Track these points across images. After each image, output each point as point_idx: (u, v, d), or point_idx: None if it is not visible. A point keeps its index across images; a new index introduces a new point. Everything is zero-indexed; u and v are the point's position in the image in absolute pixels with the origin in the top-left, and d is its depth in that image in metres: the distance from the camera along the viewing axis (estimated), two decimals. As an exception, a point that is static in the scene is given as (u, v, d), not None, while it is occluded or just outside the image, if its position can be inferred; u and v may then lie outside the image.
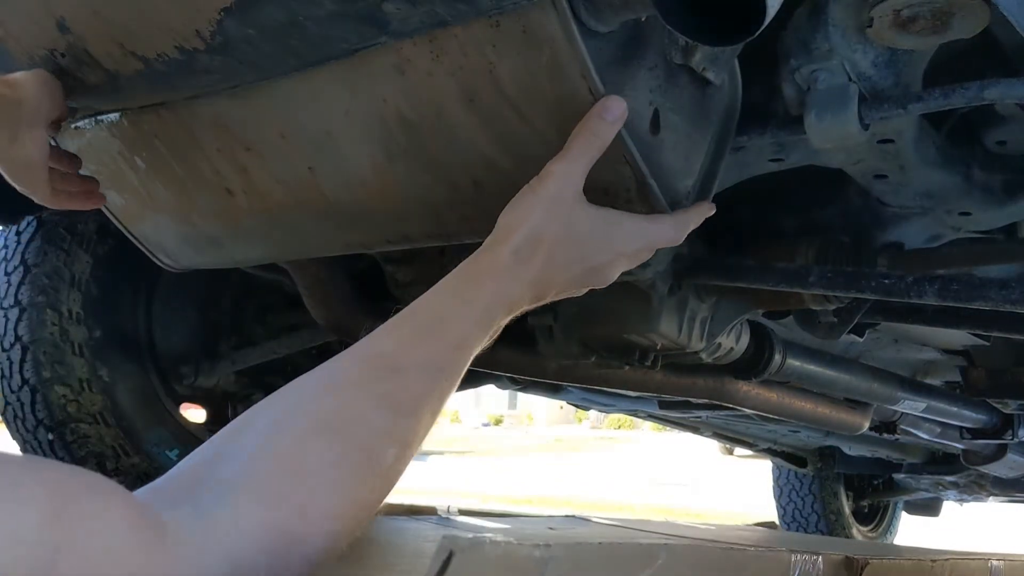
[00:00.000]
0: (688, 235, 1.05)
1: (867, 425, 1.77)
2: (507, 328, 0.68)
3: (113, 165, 0.97)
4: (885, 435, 2.03)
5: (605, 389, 1.55)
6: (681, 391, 1.40)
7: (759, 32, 0.57)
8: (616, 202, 0.75)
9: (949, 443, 2.13)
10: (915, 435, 2.04)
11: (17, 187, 0.87)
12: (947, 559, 1.05)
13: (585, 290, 0.73)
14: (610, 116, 0.66)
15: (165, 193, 0.96)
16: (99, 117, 0.90)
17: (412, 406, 0.57)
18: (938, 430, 1.99)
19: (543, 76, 0.67)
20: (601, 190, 0.73)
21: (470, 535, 0.35)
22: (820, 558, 0.78)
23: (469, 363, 0.64)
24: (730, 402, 1.41)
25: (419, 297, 0.64)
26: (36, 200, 0.90)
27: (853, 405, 1.74)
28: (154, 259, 1.07)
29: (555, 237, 0.66)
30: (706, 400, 1.43)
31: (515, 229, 0.65)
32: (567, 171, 0.66)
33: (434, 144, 0.77)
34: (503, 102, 0.69)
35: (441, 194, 0.79)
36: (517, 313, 0.68)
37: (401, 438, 0.55)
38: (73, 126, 0.93)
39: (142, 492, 0.46)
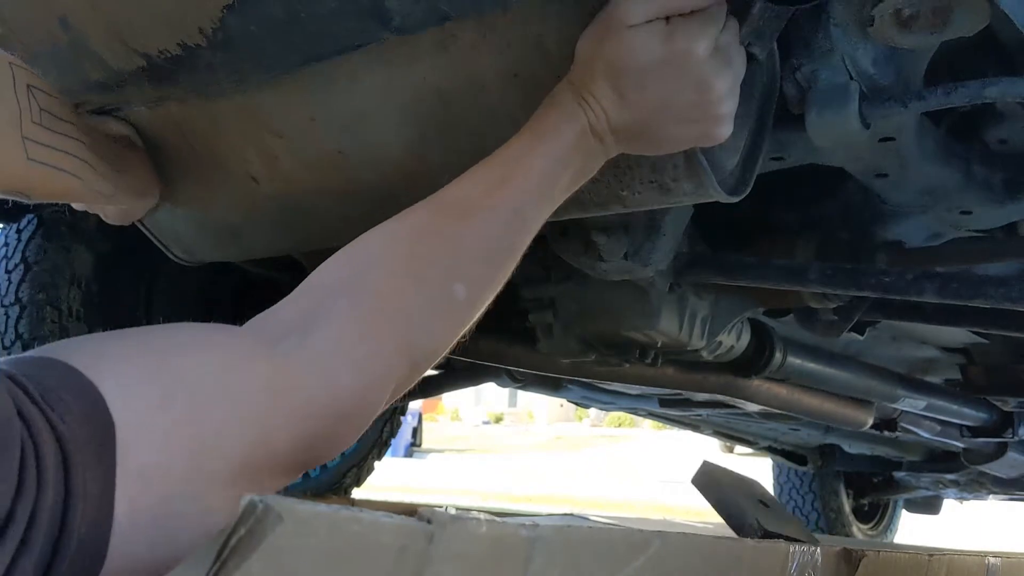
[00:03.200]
0: (688, 233, 1.05)
1: (871, 421, 1.77)
2: (509, 324, 0.68)
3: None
4: (886, 432, 2.03)
5: (607, 387, 1.55)
6: (693, 387, 1.41)
7: None
8: (663, 177, 0.74)
9: (949, 441, 2.13)
10: (915, 433, 2.04)
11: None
12: (944, 554, 1.05)
13: (706, 131, 0.66)
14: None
15: (185, 183, 0.95)
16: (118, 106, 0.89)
17: (482, 247, 0.62)
18: (938, 428, 1.99)
19: None
20: (649, 165, 0.73)
21: (452, 512, 0.35)
22: (817, 549, 0.78)
23: (556, 199, 0.66)
24: (741, 397, 1.41)
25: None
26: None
27: (858, 401, 1.74)
28: (167, 253, 1.05)
29: (613, 60, 0.62)
30: (717, 395, 1.44)
31: (576, 57, 0.65)
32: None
33: (473, 122, 0.75)
34: (550, 75, 0.68)
35: None
36: (614, 150, 0.67)
37: (470, 277, 0.60)
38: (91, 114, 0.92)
39: (259, 321, 0.54)
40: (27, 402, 0.37)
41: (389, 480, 5.17)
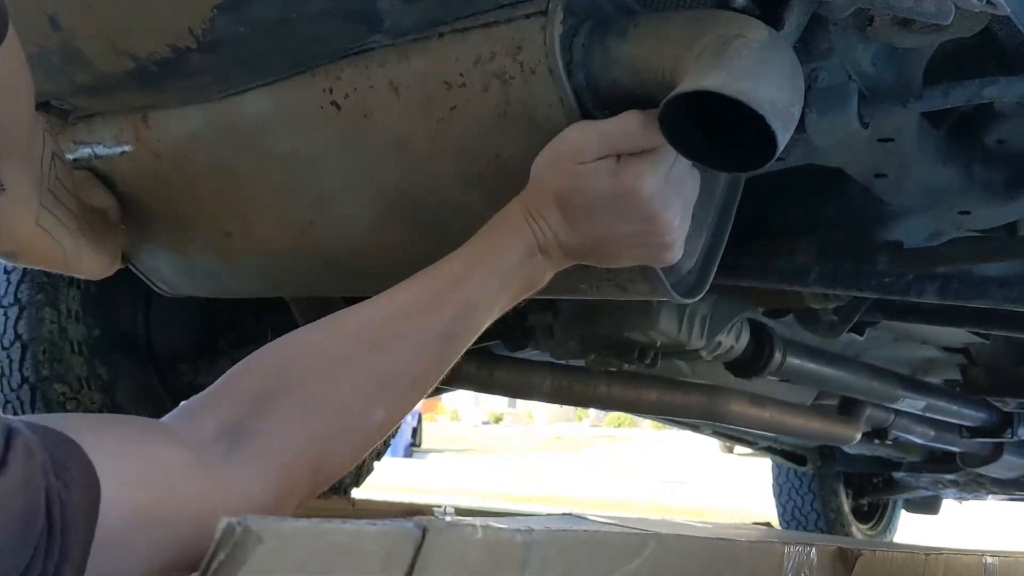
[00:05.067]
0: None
1: (859, 436, 1.77)
2: (502, 344, 0.68)
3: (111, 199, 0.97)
4: (876, 441, 2.03)
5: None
6: (674, 411, 1.41)
7: (766, 167, 0.58)
8: (619, 278, 0.76)
9: (944, 446, 2.13)
10: (909, 439, 2.04)
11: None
12: (941, 553, 1.05)
13: (655, 256, 0.68)
14: (650, 131, 0.61)
15: (163, 229, 0.97)
16: (98, 153, 0.91)
17: (409, 373, 0.61)
18: (932, 433, 1.99)
19: None
20: (604, 269, 0.75)
21: (448, 518, 0.35)
22: (813, 549, 0.78)
23: (494, 314, 0.65)
24: (721, 421, 1.42)
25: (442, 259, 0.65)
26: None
27: (845, 417, 1.75)
28: (151, 285, 1.07)
29: (562, 191, 0.64)
30: (699, 419, 1.44)
31: (531, 175, 0.66)
32: (578, 134, 0.63)
33: (436, 215, 0.78)
34: (509, 184, 0.69)
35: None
36: (563, 264, 0.68)
37: (391, 402, 0.60)
38: (72, 158, 0.93)
39: (192, 419, 0.55)
40: (47, 471, 0.42)
41: (389, 480, 5.17)
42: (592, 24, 0.65)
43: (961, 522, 5.04)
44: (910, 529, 3.87)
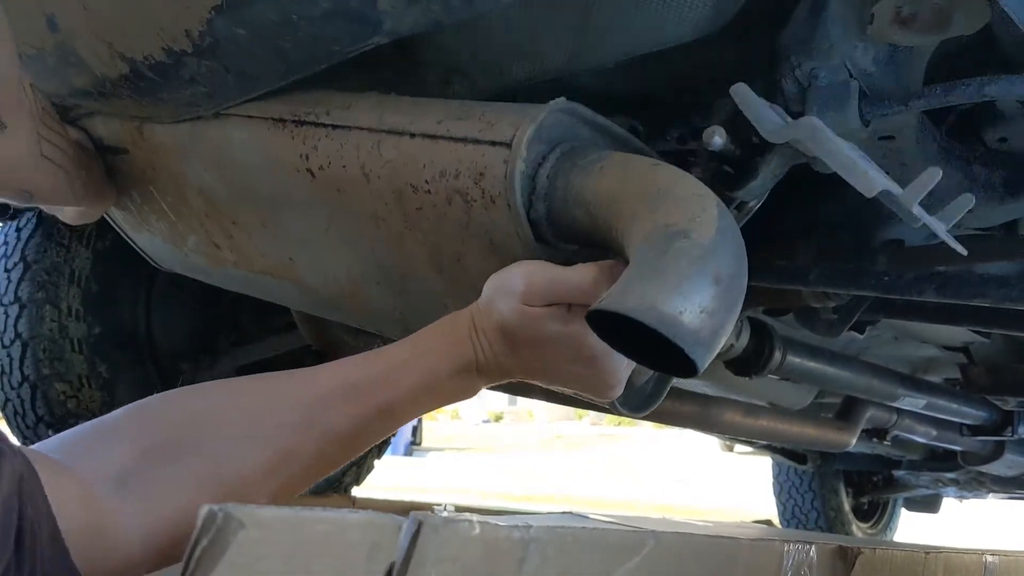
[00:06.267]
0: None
1: (854, 441, 1.77)
2: None
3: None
4: (875, 440, 2.04)
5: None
6: (666, 419, 1.41)
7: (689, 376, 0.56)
8: (576, 395, 0.77)
9: (945, 444, 2.13)
10: (910, 438, 2.04)
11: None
12: (941, 552, 1.05)
13: (596, 393, 0.67)
14: (602, 287, 0.59)
15: (159, 224, 1.00)
16: (97, 144, 0.92)
17: (304, 464, 0.61)
18: (933, 432, 1.99)
19: None
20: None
21: (446, 514, 0.35)
22: (813, 547, 0.78)
23: (399, 425, 0.65)
24: (713, 430, 1.42)
25: (384, 347, 0.65)
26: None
27: (840, 424, 1.75)
28: (150, 260, 1.10)
29: (508, 324, 0.62)
30: (690, 427, 1.45)
31: (483, 293, 0.65)
32: (529, 276, 0.62)
33: (404, 284, 0.79)
34: (472, 285, 0.70)
35: (412, 320, 0.80)
36: (498, 380, 0.67)
37: (277, 492, 0.60)
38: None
39: (94, 457, 0.56)
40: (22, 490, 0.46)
41: (389, 479, 5.18)
42: (562, 152, 0.65)
43: (961, 521, 5.05)
44: (910, 528, 3.88)
